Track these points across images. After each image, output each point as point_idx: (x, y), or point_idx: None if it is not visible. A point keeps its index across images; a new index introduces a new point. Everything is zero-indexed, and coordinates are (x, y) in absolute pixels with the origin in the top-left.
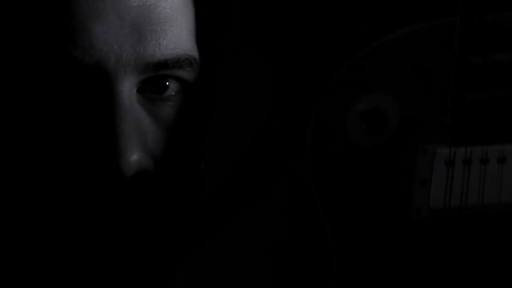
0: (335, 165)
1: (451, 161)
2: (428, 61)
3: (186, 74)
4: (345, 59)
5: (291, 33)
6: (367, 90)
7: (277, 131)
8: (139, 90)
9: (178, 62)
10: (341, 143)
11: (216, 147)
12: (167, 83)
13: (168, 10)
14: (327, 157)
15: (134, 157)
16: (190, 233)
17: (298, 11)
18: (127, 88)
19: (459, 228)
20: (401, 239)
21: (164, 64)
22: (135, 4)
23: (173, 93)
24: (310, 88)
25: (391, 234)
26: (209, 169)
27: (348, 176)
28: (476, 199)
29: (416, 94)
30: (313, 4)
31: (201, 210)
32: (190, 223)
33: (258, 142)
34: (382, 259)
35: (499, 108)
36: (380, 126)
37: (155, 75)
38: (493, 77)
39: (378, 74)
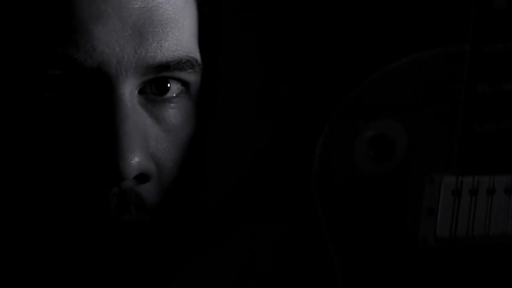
0: (342, 190)
1: (458, 190)
2: (437, 89)
3: (188, 75)
4: (353, 84)
5: (299, 58)
6: (375, 116)
7: (282, 152)
8: (140, 92)
9: (180, 64)
10: (348, 169)
11: (218, 160)
12: (169, 85)
13: (170, 12)
14: (334, 181)
15: (135, 160)
16: (190, 240)
17: (306, 35)
18: (129, 90)
19: (465, 258)
20: (407, 267)
21: (165, 66)
22: (137, 6)
23: (175, 95)
24: (318, 112)
25: (397, 262)
26: (211, 181)
27: (355, 201)
28: (483, 230)
29: (424, 122)
30: (323, 28)
31: (202, 220)
32: (191, 229)
33: (261, 160)
34: (387, 287)
35: (507, 139)
36: (387, 153)
37: (156, 77)
38: (502, 107)
39: (386, 101)
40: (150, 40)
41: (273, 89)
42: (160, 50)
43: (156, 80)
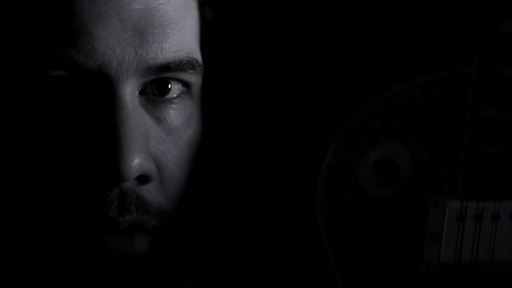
0: (347, 212)
1: (463, 215)
2: (442, 112)
3: (189, 76)
4: (359, 106)
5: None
6: (380, 139)
7: (286, 158)
8: (141, 92)
9: (181, 65)
10: (353, 190)
11: (219, 161)
12: (169, 86)
13: (171, 13)
14: (339, 201)
15: (136, 161)
16: (192, 242)
17: (314, 57)
18: (129, 92)
19: (468, 283)
20: None
21: (166, 67)
22: (137, 7)
23: (175, 95)
24: (323, 133)
25: (399, 286)
26: (212, 182)
27: (359, 224)
28: (487, 255)
29: (430, 146)
30: (331, 49)
31: (206, 224)
32: (193, 230)
33: (265, 166)
34: None
35: None
36: (392, 176)
37: (157, 78)
38: (507, 132)
39: (391, 124)
40: (151, 41)
41: (275, 90)
42: (161, 51)
43: (157, 81)
